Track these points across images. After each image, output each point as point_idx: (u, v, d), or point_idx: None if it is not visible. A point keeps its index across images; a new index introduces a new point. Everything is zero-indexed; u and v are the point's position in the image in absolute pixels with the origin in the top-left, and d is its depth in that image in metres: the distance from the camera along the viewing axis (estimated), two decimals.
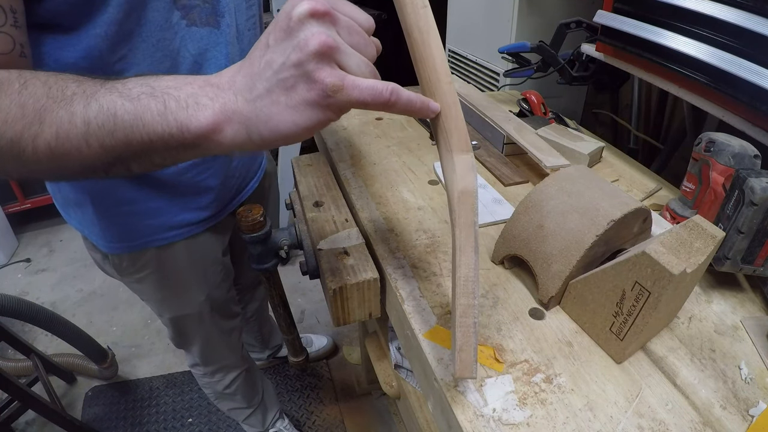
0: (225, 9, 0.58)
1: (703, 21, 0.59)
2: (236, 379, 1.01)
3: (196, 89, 0.32)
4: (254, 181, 0.81)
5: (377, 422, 1.32)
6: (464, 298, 0.36)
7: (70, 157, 0.33)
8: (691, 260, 0.39)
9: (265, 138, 0.32)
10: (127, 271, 0.71)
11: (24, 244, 2.09)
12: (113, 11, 0.47)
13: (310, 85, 0.30)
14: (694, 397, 0.40)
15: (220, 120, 0.31)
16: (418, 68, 0.38)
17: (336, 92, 0.30)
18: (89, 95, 0.32)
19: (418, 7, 0.36)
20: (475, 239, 0.37)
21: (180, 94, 0.32)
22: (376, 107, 0.33)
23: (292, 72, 0.30)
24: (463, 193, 0.37)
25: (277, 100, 0.31)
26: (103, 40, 0.48)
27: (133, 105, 0.31)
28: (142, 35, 0.51)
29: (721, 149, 0.53)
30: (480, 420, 0.38)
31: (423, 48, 0.36)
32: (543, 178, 0.55)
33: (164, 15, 0.52)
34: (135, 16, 0.49)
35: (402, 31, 0.38)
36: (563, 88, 0.97)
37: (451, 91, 0.37)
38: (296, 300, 1.74)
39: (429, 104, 0.36)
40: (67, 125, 0.32)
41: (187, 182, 0.65)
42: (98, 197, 0.62)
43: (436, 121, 0.38)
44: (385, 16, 1.84)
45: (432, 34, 0.36)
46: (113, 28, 0.48)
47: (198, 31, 0.56)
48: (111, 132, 0.32)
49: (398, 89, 0.33)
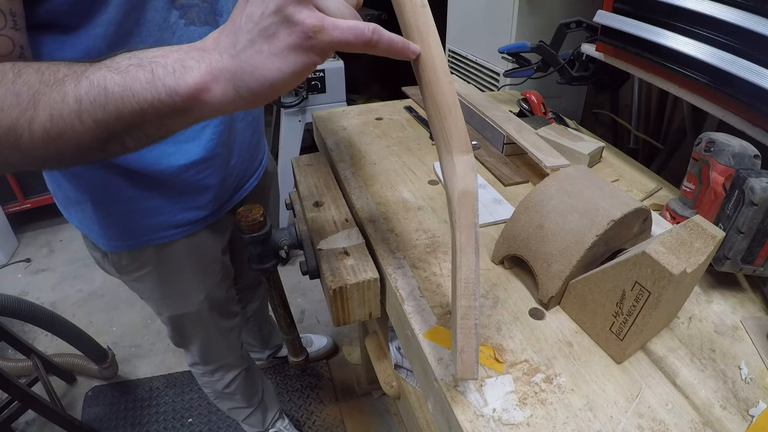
0: (224, 8, 0.58)
1: (703, 21, 0.59)
2: (236, 378, 1.01)
3: (182, 54, 0.33)
4: (254, 178, 0.81)
5: (377, 422, 1.32)
6: (465, 300, 0.36)
7: (66, 137, 0.33)
8: (691, 260, 0.39)
9: (253, 90, 0.32)
10: (126, 270, 0.72)
11: (24, 244, 2.09)
12: (113, 11, 0.47)
13: (291, 28, 0.30)
14: (694, 397, 0.40)
15: (207, 79, 0.32)
16: (417, 68, 0.38)
17: (317, 33, 0.30)
18: (79, 74, 0.33)
19: (417, 7, 0.36)
20: (476, 241, 0.37)
21: (167, 61, 0.32)
22: (358, 47, 0.33)
23: (272, 19, 0.31)
24: (464, 194, 0.37)
25: (260, 50, 0.31)
26: (103, 40, 0.48)
27: (122, 77, 0.32)
28: (141, 35, 0.51)
29: (721, 149, 0.53)
30: (480, 420, 0.38)
31: (422, 48, 0.36)
32: (543, 178, 0.55)
33: (163, 15, 0.52)
34: (134, 16, 0.49)
35: (401, 32, 0.38)
36: (563, 88, 0.97)
37: (450, 91, 0.37)
38: (296, 300, 1.74)
39: (409, 45, 0.36)
40: (60, 105, 0.32)
41: (186, 181, 0.65)
42: (98, 195, 0.63)
43: (436, 121, 0.38)
44: (384, 16, 1.84)
45: (431, 34, 0.36)
46: (112, 28, 0.48)
47: (196, 30, 0.56)
48: (102, 106, 0.32)
49: (379, 29, 0.33)
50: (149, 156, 0.59)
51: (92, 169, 0.60)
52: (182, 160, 0.62)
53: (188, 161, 0.63)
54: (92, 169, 0.60)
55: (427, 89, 0.37)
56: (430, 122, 0.39)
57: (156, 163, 0.60)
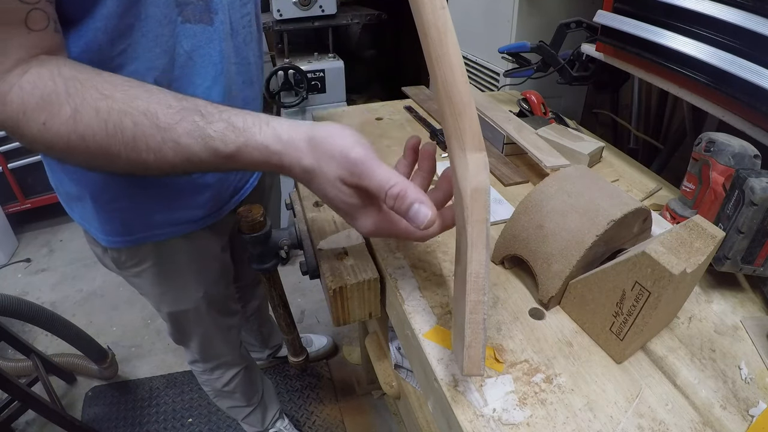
0: (218, 6, 0.58)
1: (703, 21, 0.59)
2: (235, 376, 1.01)
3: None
4: (253, 178, 0.81)
5: (377, 422, 1.32)
6: (474, 295, 0.36)
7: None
8: (691, 260, 0.39)
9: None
10: (125, 266, 0.72)
11: (24, 244, 2.09)
12: (112, 4, 0.47)
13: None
14: (694, 397, 0.40)
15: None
16: (434, 67, 0.38)
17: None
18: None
19: (437, 8, 0.37)
20: (487, 237, 0.37)
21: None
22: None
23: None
24: (476, 190, 0.38)
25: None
26: (104, 34, 0.49)
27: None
28: (143, 30, 0.51)
29: (721, 149, 0.53)
30: (480, 420, 0.38)
31: (440, 47, 0.37)
32: (543, 178, 0.55)
33: (163, 11, 0.52)
34: (135, 11, 0.50)
35: (401, 31, 0.38)
36: (563, 88, 0.97)
37: (466, 90, 0.38)
38: (296, 300, 1.74)
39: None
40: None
41: (184, 180, 0.65)
42: (96, 192, 0.63)
43: (450, 119, 0.39)
44: (384, 16, 1.84)
45: (449, 33, 0.37)
46: (113, 22, 0.48)
47: (192, 28, 0.56)
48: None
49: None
50: None
51: None
52: None
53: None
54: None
55: (442, 87, 0.38)
56: (442, 119, 0.40)
57: None
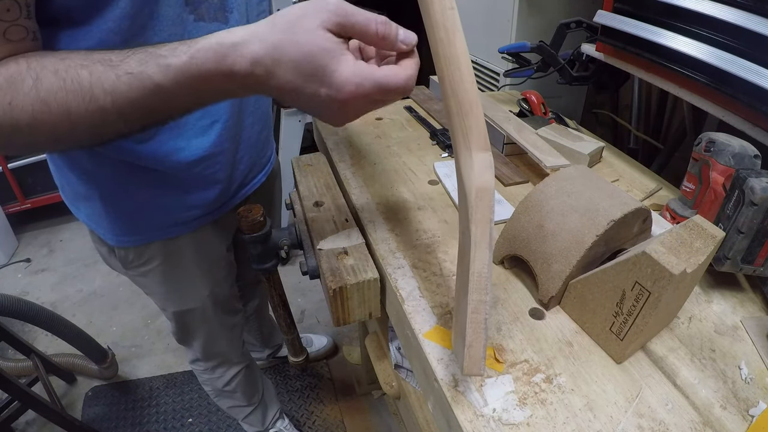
0: (234, 4, 0.58)
1: (703, 21, 0.59)
2: (236, 375, 1.01)
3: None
4: (262, 174, 0.81)
5: (377, 422, 1.32)
6: (476, 294, 0.36)
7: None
8: (691, 260, 0.39)
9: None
10: (132, 265, 0.72)
11: (24, 244, 2.08)
12: (125, 5, 0.47)
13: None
14: (694, 397, 0.40)
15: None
16: (441, 66, 0.39)
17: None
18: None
19: (446, 9, 0.38)
20: (490, 236, 0.37)
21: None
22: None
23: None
24: (481, 189, 0.38)
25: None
26: (116, 35, 0.49)
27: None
28: (155, 29, 0.52)
29: (721, 149, 0.53)
30: (480, 420, 0.38)
31: (448, 47, 0.38)
32: (543, 178, 0.55)
33: (176, 10, 0.52)
34: (147, 11, 0.50)
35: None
36: (563, 88, 0.97)
37: (473, 89, 0.38)
38: (296, 300, 1.74)
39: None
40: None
41: (195, 176, 0.65)
42: (107, 191, 0.63)
43: (456, 118, 0.39)
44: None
45: (458, 33, 0.38)
46: (126, 23, 0.49)
47: (206, 27, 0.56)
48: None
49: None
50: (160, 152, 0.60)
51: (102, 164, 0.60)
52: (192, 155, 0.62)
53: (198, 156, 0.63)
54: (102, 165, 0.60)
55: (449, 86, 0.38)
56: (448, 118, 0.40)
57: (166, 158, 0.61)
